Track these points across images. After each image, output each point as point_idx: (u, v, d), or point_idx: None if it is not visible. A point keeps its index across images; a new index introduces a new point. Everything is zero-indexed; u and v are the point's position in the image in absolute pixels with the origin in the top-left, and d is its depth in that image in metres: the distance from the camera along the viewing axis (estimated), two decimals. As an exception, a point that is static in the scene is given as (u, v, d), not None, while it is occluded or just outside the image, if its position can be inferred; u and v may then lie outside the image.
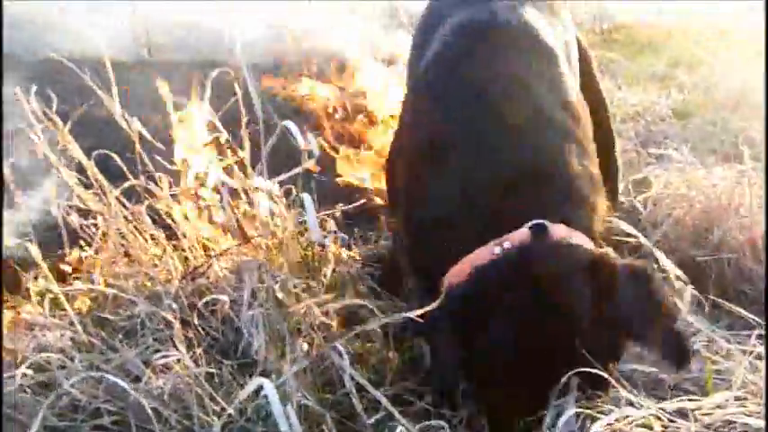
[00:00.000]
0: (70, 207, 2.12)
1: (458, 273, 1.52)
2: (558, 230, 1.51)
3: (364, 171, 3.07)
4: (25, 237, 1.97)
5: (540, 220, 1.50)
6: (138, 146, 2.19)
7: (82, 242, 2.21)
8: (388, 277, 2.19)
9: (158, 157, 2.24)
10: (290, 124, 1.62)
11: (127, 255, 2.16)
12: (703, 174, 2.57)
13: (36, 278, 1.95)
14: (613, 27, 7.20)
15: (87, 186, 2.13)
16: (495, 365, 1.41)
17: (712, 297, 2.01)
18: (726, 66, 5.05)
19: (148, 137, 2.13)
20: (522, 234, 1.49)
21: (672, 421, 1.39)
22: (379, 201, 2.82)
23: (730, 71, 4.75)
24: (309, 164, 1.46)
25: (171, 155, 2.28)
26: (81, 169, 2.14)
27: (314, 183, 2.31)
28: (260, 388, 1.44)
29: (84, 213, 2.18)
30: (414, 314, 1.36)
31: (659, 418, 1.32)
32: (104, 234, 2.18)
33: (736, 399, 1.48)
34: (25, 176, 2.17)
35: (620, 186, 2.53)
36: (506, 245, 1.48)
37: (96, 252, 2.17)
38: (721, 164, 2.96)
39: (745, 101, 4.08)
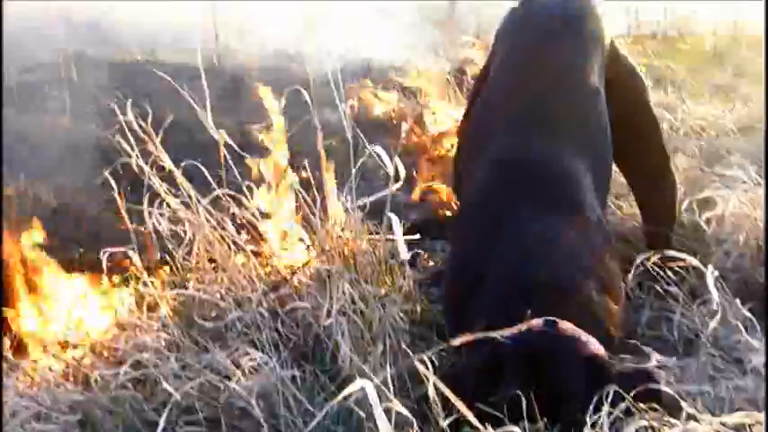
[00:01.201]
0: (161, 215, 2.26)
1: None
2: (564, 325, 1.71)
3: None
4: (128, 244, 2.11)
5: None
6: (223, 154, 2.33)
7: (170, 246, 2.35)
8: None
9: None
10: (379, 149, 1.73)
11: (212, 261, 2.30)
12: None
13: (136, 282, 2.09)
14: (679, 36, 7.22)
15: (176, 194, 2.28)
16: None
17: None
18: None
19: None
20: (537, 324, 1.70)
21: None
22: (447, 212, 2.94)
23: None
24: (396, 186, 1.56)
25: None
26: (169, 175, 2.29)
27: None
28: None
29: (173, 220, 2.31)
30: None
31: (721, 433, 1.40)
32: (192, 240, 2.32)
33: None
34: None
35: (683, 204, 2.60)
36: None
37: (184, 258, 2.30)
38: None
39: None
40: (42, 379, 1.80)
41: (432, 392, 1.39)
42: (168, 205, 2.26)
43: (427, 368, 1.40)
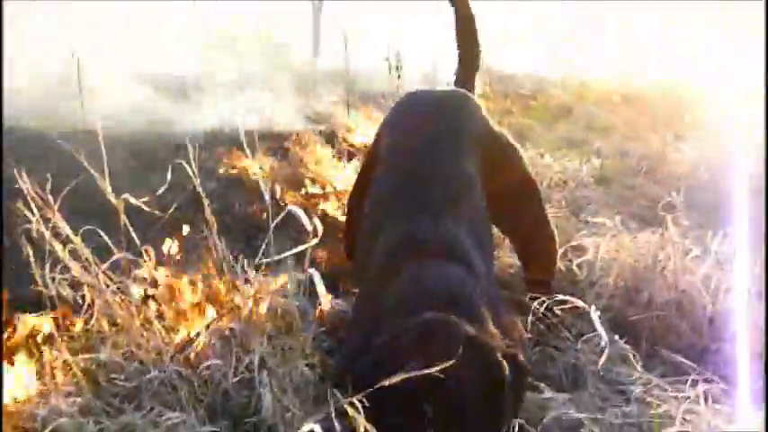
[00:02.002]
0: (63, 279, 2.26)
1: None
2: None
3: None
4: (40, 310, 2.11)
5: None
6: (123, 220, 2.36)
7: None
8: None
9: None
10: (295, 208, 1.83)
11: (114, 324, 2.31)
12: (630, 239, 2.87)
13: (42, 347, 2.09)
14: (530, 94, 7.66)
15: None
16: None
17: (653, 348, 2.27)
18: (637, 131, 5.48)
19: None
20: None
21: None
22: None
23: (641, 137, 5.16)
24: (313, 242, 1.65)
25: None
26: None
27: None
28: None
29: (73, 284, 2.31)
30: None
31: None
32: (90, 305, 2.32)
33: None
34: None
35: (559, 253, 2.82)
36: None
37: (85, 322, 2.31)
38: (640, 226, 3.29)
39: (659, 167, 4.47)
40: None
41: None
42: (67, 270, 2.27)
43: (358, 412, 1.50)
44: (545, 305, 2.33)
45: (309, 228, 1.64)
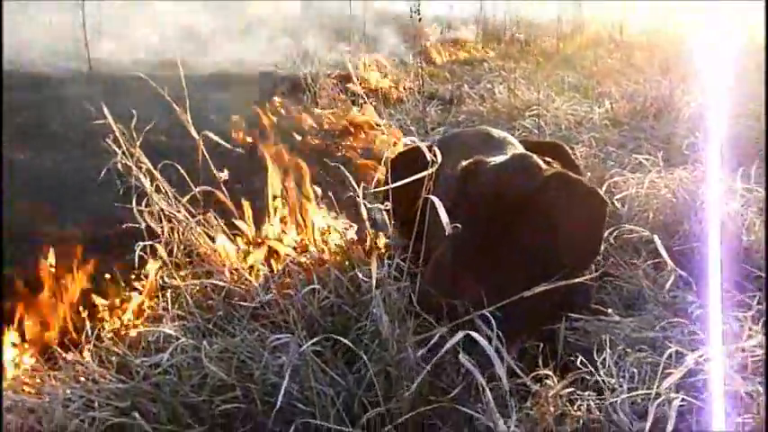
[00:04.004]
0: (150, 212, 2.37)
1: None
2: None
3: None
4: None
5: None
6: (201, 152, 2.48)
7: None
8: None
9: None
10: (413, 138, 1.96)
11: (189, 255, 2.45)
12: (662, 176, 3.04)
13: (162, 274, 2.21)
14: (525, 40, 7.77)
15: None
16: None
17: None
18: (639, 76, 5.63)
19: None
20: None
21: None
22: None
23: (646, 81, 5.31)
24: (431, 170, 1.76)
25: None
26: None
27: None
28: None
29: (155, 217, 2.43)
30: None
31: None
32: (170, 235, 2.44)
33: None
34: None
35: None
36: None
37: (169, 253, 2.42)
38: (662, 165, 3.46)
39: (668, 110, 4.64)
40: (86, 370, 1.90)
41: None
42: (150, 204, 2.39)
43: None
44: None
45: (429, 157, 1.77)
